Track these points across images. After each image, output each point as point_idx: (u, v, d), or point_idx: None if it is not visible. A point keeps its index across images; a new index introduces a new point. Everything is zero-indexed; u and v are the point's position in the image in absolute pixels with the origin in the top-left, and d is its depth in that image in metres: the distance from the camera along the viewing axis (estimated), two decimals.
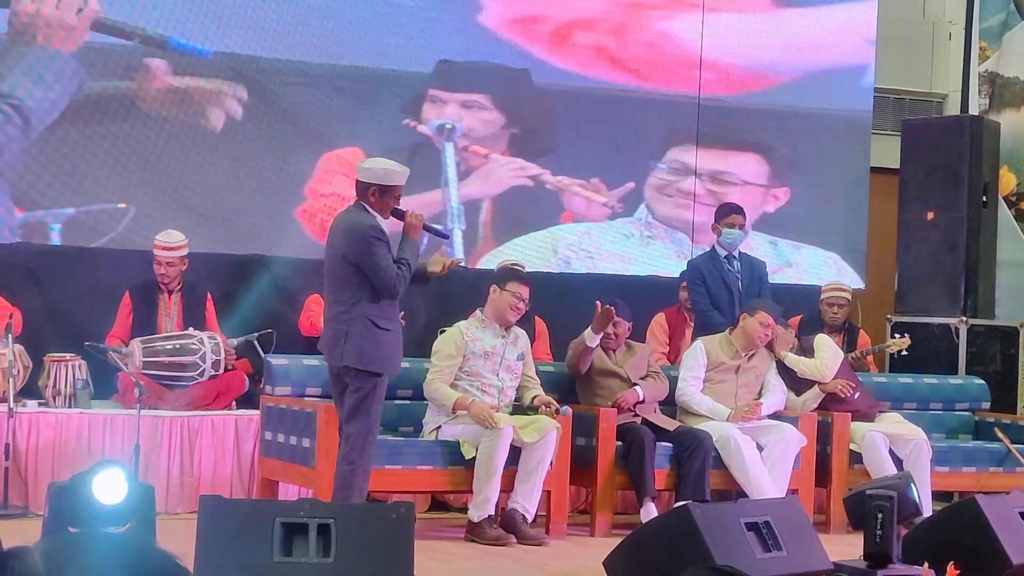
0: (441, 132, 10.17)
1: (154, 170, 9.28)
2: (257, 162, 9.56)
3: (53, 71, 9.05)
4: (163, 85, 9.31)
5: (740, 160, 11.06)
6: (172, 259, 8.66)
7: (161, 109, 9.31)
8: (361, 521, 5.41)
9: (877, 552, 5.93)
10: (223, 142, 9.49)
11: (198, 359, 8.30)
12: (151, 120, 9.29)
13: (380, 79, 9.90)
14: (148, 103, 9.29)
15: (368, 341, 6.68)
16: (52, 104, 9.04)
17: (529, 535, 7.51)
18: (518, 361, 7.87)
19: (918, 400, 9.37)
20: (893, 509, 5.91)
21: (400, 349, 6.83)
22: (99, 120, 9.15)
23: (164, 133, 9.31)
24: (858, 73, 11.42)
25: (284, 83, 9.63)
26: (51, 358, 8.24)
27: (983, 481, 8.72)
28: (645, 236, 10.78)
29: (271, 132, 9.59)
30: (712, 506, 6.53)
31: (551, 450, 7.62)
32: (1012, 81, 11.42)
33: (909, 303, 10.71)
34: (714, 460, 8.06)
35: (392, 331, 6.75)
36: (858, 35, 11.41)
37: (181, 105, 9.37)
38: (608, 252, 10.64)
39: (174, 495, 8.02)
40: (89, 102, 9.13)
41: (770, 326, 8.42)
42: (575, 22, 10.57)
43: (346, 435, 6.73)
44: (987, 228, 10.76)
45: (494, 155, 10.32)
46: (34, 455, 7.86)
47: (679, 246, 10.75)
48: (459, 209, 10.16)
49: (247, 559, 5.27)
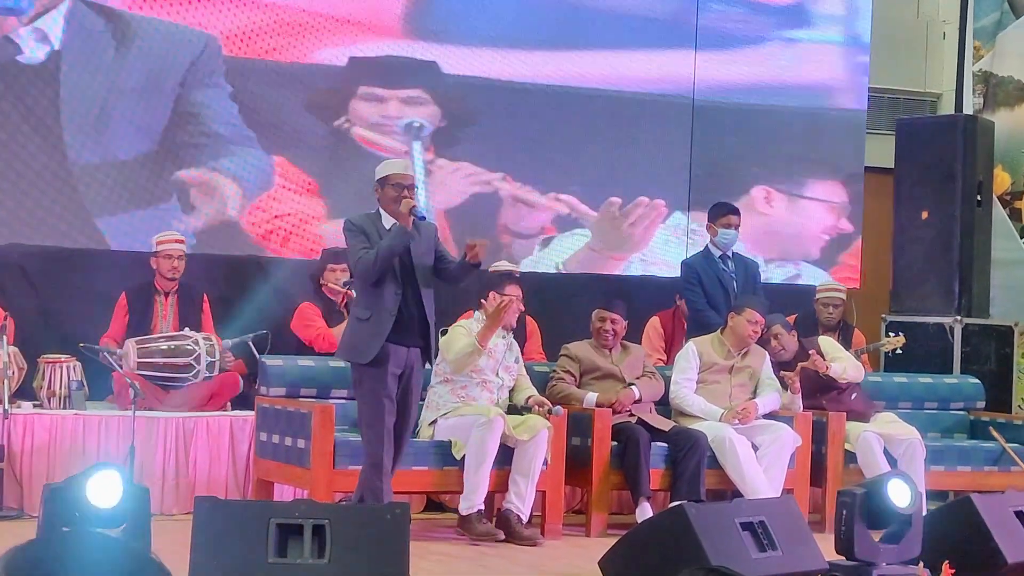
0: (409, 131, 10.02)
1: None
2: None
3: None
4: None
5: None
6: (181, 252, 8.67)
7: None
8: (356, 522, 5.41)
9: (843, 548, 5.97)
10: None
11: (193, 360, 8.30)
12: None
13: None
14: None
15: (349, 333, 6.98)
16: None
17: (524, 535, 7.51)
18: (515, 363, 7.91)
19: (913, 399, 9.38)
20: (858, 505, 5.93)
21: (377, 338, 6.75)
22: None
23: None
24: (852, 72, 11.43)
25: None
26: (46, 359, 8.23)
27: (978, 480, 8.73)
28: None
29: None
30: (707, 506, 6.53)
31: (543, 449, 7.62)
32: (1006, 80, 11.43)
33: (904, 302, 10.72)
34: (709, 460, 8.06)
35: (368, 320, 6.79)
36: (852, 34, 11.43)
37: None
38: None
39: (169, 496, 8.02)
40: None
41: (759, 323, 8.43)
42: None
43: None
44: (981, 227, 10.76)
45: (441, 160, 10.11)
46: (29, 457, 7.86)
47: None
48: (429, 211, 9.88)
49: (242, 560, 5.27)
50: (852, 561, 5.95)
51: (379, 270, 6.76)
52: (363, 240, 6.82)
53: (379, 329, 6.77)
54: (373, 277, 6.78)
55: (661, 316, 9.74)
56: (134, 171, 9.27)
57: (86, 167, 9.17)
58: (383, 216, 6.89)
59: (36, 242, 9.05)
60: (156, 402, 8.24)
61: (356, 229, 6.87)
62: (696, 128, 10.81)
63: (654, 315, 9.76)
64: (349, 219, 6.97)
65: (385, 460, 6.82)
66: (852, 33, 11.45)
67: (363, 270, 6.81)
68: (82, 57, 9.18)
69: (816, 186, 11.30)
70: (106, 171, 9.20)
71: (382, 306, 6.79)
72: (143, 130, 9.33)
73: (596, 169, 10.56)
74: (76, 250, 9.09)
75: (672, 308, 9.70)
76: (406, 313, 6.82)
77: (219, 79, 9.53)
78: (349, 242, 6.91)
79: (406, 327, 6.83)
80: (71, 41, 9.16)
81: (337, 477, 7.37)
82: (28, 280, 9.01)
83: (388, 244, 6.75)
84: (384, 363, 6.77)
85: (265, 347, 8.47)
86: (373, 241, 6.80)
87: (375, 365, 6.77)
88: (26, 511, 7.71)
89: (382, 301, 6.79)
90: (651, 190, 10.72)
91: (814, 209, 11.32)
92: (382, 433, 6.79)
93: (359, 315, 6.89)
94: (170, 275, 8.66)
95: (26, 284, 9.00)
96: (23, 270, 9.00)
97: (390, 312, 6.78)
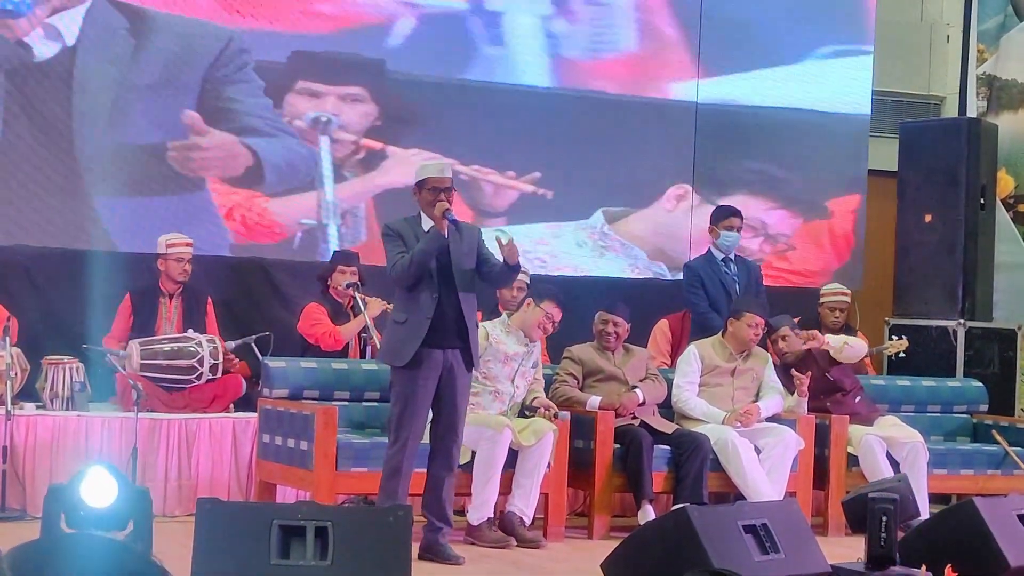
0: (316, 125, 9.80)
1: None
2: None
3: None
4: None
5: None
6: (190, 255, 8.68)
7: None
8: (359, 524, 5.41)
9: (881, 555, 5.92)
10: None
11: (196, 362, 8.30)
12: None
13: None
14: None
15: (387, 335, 7.08)
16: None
17: (527, 538, 7.52)
18: (532, 368, 7.88)
19: (916, 402, 9.37)
20: (896, 512, 5.92)
21: (412, 341, 6.77)
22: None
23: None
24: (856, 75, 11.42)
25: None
26: (49, 360, 8.23)
27: (981, 484, 8.72)
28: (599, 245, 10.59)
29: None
30: (710, 509, 6.53)
31: (548, 453, 7.62)
32: (1010, 83, 11.43)
33: (907, 305, 10.71)
34: (712, 463, 8.06)
35: (404, 324, 6.83)
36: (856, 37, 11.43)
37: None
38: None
39: (172, 497, 8.02)
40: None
41: (759, 325, 8.44)
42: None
43: None
44: (985, 230, 10.76)
45: (391, 148, 9.91)
46: (32, 458, 7.86)
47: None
48: (335, 205, 9.77)
49: (244, 562, 5.27)
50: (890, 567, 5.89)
51: (414, 275, 6.76)
52: (399, 245, 6.82)
53: (414, 333, 6.78)
54: (407, 282, 6.79)
55: (670, 319, 9.64)
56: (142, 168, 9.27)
57: (93, 166, 9.18)
58: (423, 219, 6.89)
59: (41, 243, 9.05)
60: (159, 403, 8.25)
61: (393, 234, 6.88)
62: (699, 130, 10.80)
63: (663, 318, 9.67)
64: (387, 224, 7.00)
65: (405, 464, 6.82)
66: (856, 36, 11.43)
67: (398, 275, 6.82)
68: (97, 55, 9.17)
69: (819, 189, 11.28)
70: (113, 171, 9.20)
71: (418, 310, 6.79)
72: (155, 127, 9.32)
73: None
74: (80, 251, 9.08)
75: (682, 312, 9.58)
76: (444, 317, 6.81)
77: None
78: (386, 247, 6.90)
79: (444, 330, 6.81)
80: (87, 38, 9.13)
81: (340, 479, 7.37)
82: (32, 281, 9.01)
83: (422, 248, 6.74)
84: (418, 367, 6.79)
85: (268, 349, 8.47)
86: (410, 245, 6.80)
87: (410, 368, 6.79)
88: (28, 512, 7.71)
89: (418, 305, 6.80)
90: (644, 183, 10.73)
91: (818, 212, 11.31)
92: (407, 438, 6.80)
93: (396, 319, 6.94)
94: (179, 278, 8.67)
95: (30, 285, 9.00)
96: (27, 271, 9.01)
97: (426, 316, 6.78)
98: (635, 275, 10.59)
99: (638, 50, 10.78)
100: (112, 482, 5.09)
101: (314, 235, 9.75)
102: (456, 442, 7.00)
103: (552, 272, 10.10)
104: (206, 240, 9.25)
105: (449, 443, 6.95)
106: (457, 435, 6.99)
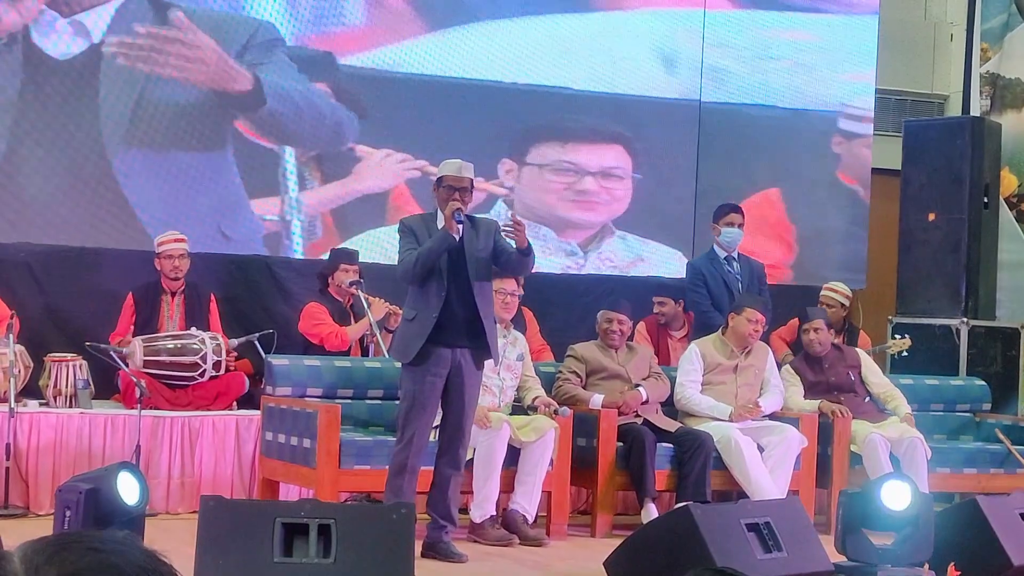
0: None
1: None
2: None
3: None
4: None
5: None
6: (183, 251, 8.67)
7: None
8: (362, 522, 5.42)
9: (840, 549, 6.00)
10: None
11: (199, 359, 8.30)
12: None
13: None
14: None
15: (398, 332, 7.20)
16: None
17: (530, 536, 7.52)
18: (518, 361, 7.88)
19: (919, 401, 9.35)
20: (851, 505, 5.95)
21: (418, 338, 6.78)
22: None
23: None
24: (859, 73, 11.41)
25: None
26: (52, 358, 8.24)
27: (984, 482, 8.72)
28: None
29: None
30: (713, 507, 6.54)
31: (550, 450, 7.62)
32: (1013, 82, 11.42)
33: (910, 304, 10.71)
34: (715, 461, 8.06)
35: (412, 320, 6.86)
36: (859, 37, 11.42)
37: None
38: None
39: (175, 495, 8.02)
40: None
41: (759, 322, 8.44)
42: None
43: None
44: (988, 229, 10.76)
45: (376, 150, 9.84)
46: (35, 455, 7.86)
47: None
48: (299, 204, 9.70)
49: (247, 559, 5.28)
50: (852, 561, 5.95)
51: (418, 273, 6.77)
52: (411, 241, 6.84)
53: (421, 330, 6.79)
54: (412, 279, 6.81)
55: (646, 321, 9.52)
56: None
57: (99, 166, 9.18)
58: (439, 215, 6.89)
59: (43, 241, 9.05)
60: (162, 400, 8.25)
61: (406, 230, 6.92)
62: (702, 131, 10.80)
63: (639, 321, 9.55)
64: (403, 220, 7.08)
65: (410, 461, 6.82)
66: (859, 34, 11.43)
67: (403, 272, 6.86)
68: (120, 55, 9.16)
69: (823, 188, 11.28)
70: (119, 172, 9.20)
71: (425, 307, 6.80)
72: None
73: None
74: (83, 249, 9.09)
75: (652, 315, 9.45)
76: (452, 315, 6.80)
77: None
78: (399, 243, 6.96)
79: (452, 328, 6.80)
80: (113, 36, 9.12)
81: (343, 477, 7.37)
82: (35, 278, 9.01)
83: (428, 247, 6.75)
84: (424, 364, 6.80)
85: (271, 346, 8.47)
86: (421, 241, 6.81)
87: (416, 365, 6.81)
88: (32, 509, 7.72)
89: (426, 302, 6.80)
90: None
91: (820, 211, 11.30)
92: (412, 435, 6.80)
93: (406, 315, 6.99)
94: (173, 275, 8.66)
95: (33, 282, 9.00)
96: (30, 268, 9.01)
97: (433, 314, 6.78)
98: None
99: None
100: (137, 483, 5.19)
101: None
102: (463, 442, 7.00)
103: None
104: (205, 240, 9.26)
105: (456, 442, 6.95)
106: (464, 435, 6.99)
